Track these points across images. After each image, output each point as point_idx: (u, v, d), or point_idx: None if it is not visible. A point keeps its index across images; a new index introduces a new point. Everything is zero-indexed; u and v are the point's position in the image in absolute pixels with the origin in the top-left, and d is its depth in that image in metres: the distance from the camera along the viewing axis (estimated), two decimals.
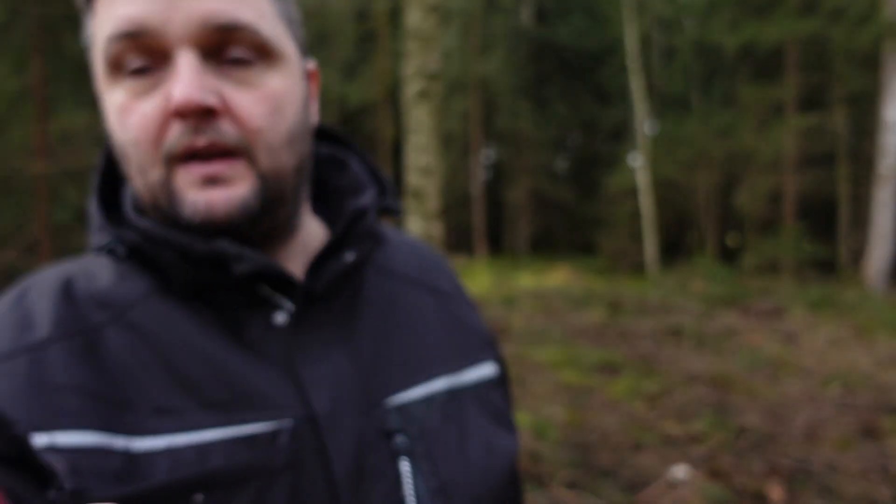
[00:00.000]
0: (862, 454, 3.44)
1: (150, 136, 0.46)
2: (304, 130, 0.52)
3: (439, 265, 0.68)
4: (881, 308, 7.44)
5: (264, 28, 0.47)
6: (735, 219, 16.48)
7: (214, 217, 0.46)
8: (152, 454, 0.43)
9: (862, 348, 5.89)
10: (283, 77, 0.49)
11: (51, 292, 0.49)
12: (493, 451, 0.56)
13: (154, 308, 0.49)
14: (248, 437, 0.45)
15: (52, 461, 0.41)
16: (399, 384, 0.54)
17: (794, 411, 4.15)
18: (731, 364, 5.47)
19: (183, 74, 0.44)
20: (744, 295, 8.81)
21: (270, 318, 0.50)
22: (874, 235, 9.26)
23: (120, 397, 0.45)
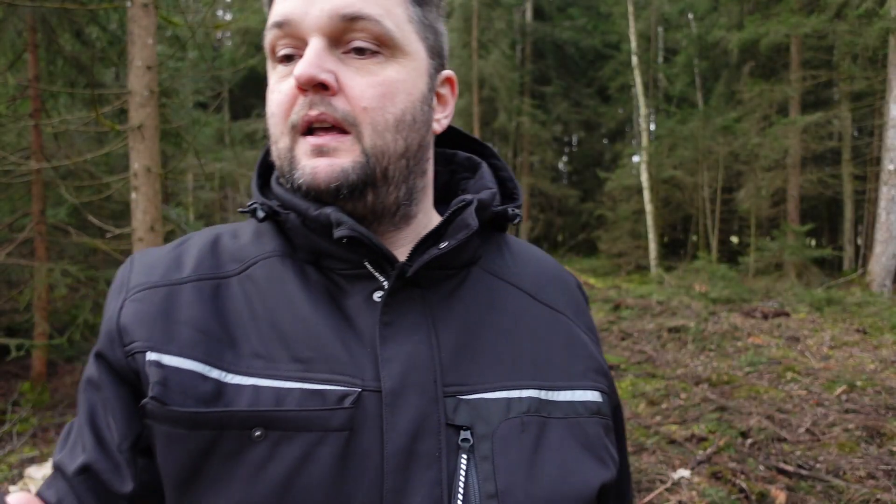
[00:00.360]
0: (867, 457, 3.37)
1: (282, 109, 0.55)
2: (414, 121, 0.57)
3: (562, 285, 0.69)
4: (887, 309, 7.35)
5: (387, 22, 0.54)
6: (738, 218, 16.39)
7: (318, 182, 0.54)
8: (238, 388, 0.51)
9: (867, 349, 5.81)
10: (401, 69, 0.55)
11: (202, 243, 0.61)
12: (569, 476, 0.55)
13: (274, 267, 0.58)
14: (318, 392, 0.51)
15: (153, 374, 0.51)
16: (479, 382, 0.55)
17: (799, 413, 4.08)
18: (735, 365, 5.41)
19: (307, 55, 0.52)
20: (747, 295, 8.73)
21: (370, 293, 0.56)
22: (880, 235, 9.17)
23: (226, 338, 0.54)
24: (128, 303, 0.56)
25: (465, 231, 0.56)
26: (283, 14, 0.54)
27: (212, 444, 0.50)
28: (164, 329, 0.53)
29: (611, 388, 0.66)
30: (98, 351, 0.56)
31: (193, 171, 8.12)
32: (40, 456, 4.56)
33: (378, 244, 0.54)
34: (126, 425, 0.54)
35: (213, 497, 0.50)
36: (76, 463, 0.55)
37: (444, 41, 0.62)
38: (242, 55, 12.72)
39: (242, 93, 18.38)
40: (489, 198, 0.61)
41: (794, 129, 11.15)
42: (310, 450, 0.49)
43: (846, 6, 9.63)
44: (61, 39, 5.66)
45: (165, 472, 0.52)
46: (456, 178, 0.70)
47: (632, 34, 13.20)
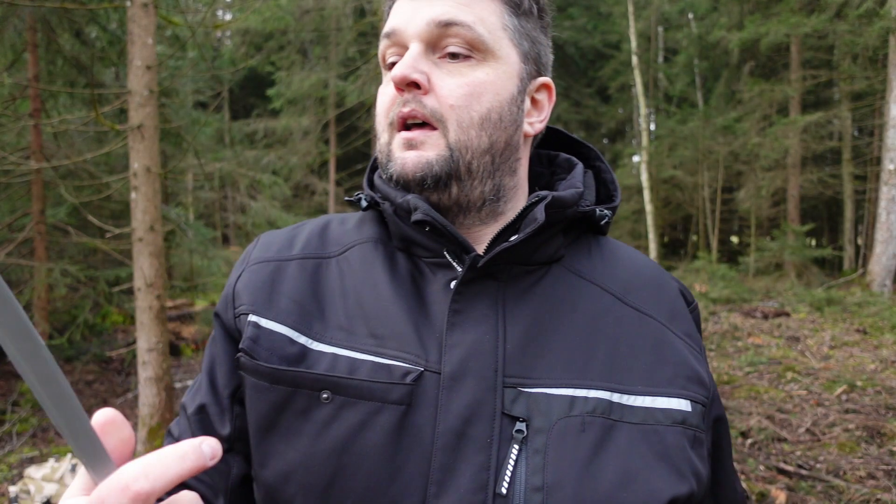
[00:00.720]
0: (867, 457, 3.37)
1: (384, 109, 0.63)
2: (500, 120, 0.61)
3: (658, 290, 0.68)
4: (887, 308, 7.35)
5: (479, 28, 0.59)
6: (738, 218, 16.38)
7: (406, 172, 0.60)
8: (320, 354, 0.58)
9: (867, 349, 5.80)
10: (491, 71, 0.60)
11: (314, 227, 0.70)
12: (631, 482, 0.53)
13: (367, 251, 0.65)
14: (385, 366, 0.56)
15: (248, 332, 0.60)
16: (543, 377, 0.56)
17: (799, 413, 4.08)
18: (735, 365, 5.40)
19: (404, 59, 0.59)
20: (747, 295, 8.72)
21: (448, 281, 0.60)
22: (880, 235, 9.17)
23: (317, 310, 0.61)
24: (244, 273, 0.65)
25: (532, 225, 0.58)
26: (392, 25, 0.62)
27: (287, 400, 0.57)
28: (267, 297, 0.62)
29: (711, 399, 0.64)
30: (216, 311, 0.67)
31: (193, 171, 8.11)
32: (40, 456, 4.56)
33: (453, 232, 0.58)
34: (229, 376, 0.63)
35: (284, 446, 0.57)
36: (195, 403, 0.65)
37: (542, 50, 0.67)
38: (242, 55, 12.71)
39: (242, 93, 18.37)
40: (571, 196, 0.62)
41: (795, 128, 11.14)
42: (369, 417, 0.54)
43: (846, 6, 9.62)
44: (61, 39, 5.66)
45: (251, 419, 0.60)
46: (554, 179, 0.73)
47: (632, 34, 13.17)
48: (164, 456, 0.34)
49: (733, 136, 12.97)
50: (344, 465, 0.54)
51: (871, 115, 12.40)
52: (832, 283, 10.42)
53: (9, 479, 4.11)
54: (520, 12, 0.63)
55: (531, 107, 0.67)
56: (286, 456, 0.56)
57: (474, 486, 0.52)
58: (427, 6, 0.60)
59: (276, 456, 0.57)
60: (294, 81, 11.44)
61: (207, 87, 9.43)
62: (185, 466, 0.34)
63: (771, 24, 10.06)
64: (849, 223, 13.19)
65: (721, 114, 13.43)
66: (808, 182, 12.78)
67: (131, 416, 5.42)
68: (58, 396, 0.33)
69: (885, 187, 9.12)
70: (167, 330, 3.98)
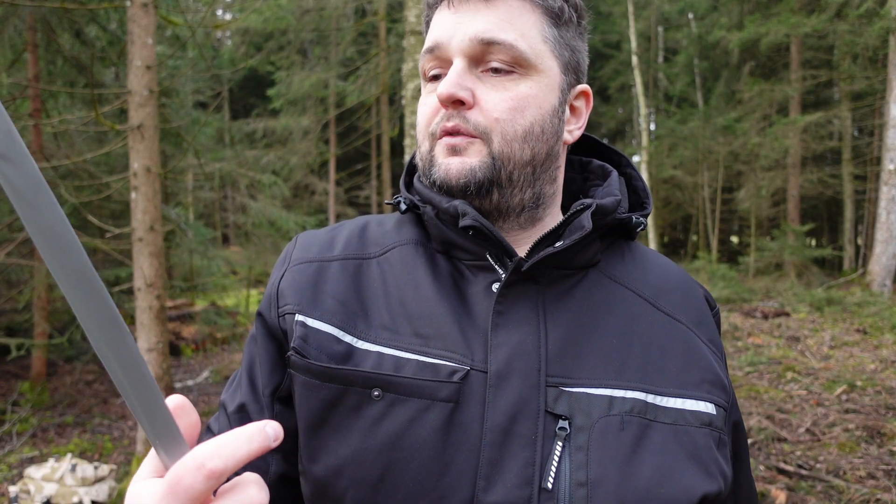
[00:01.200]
0: (867, 457, 3.37)
1: (426, 120, 0.65)
2: (543, 132, 0.63)
3: (686, 296, 0.70)
4: (887, 308, 7.35)
5: (521, 45, 0.60)
6: (738, 218, 16.38)
7: (450, 178, 0.61)
8: (365, 353, 0.59)
9: (867, 349, 5.80)
10: (533, 86, 0.62)
11: (353, 228, 0.71)
12: (666, 480, 0.56)
13: (408, 252, 0.66)
14: (432, 365, 0.58)
15: (297, 331, 0.61)
16: (584, 377, 0.59)
17: (799, 413, 4.08)
18: (735, 365, 5.40)
19: (449, 75, 0.61)
20: (747, 295, 8.72)
21: (490, 283, 0.62)
22: (880, 234, 9.17)
23: (360, 310, 0.62)
24: (287, 273, 0.67)
25: (579, 232, 0.60)
26: (434, 40, 0.63)
27: (339, 397, 0.58)
28: (312, 297, 0.64)
29: (730, 403, 0.66)
30: (259, 311, 0.67)
31: (193, 171, 8.11)
32: (40, 456, 4.56)
33: (498, 237, 0.60)
34: (269, 375, 0.65)
35: (335, 442, 0.58)
36: (235, 402, 0.66)
37: (581, 58, 0.68)
38: (242, 55, 12.71)
39: (242, 92, 18.37)
40: (611, 204, 0.64)
41: (794, 128, 11.14)
42: (418, 414, 0.56)
43: (846, 6, 9.62)
44: (61, 39, 5.65)
45: (301, 416, 0.61)
46: (587, 185, 0.75)
47: (632, 34, 13.17)
48: (234, 437, 0.36)
49: (733, 136, 12.98)
50: (395, 461, 0.56)
51: (871, 115, 12.40)
52: (832, 283, 10.43)
53: (9, 479, 4.11)
54: (560, 22, 0.64)
55: (570, 114, 0.68)
56: (338, 451, 0.58)
57: (521, 480, 0.54)
58: (469, 21, 0.61)
59: (327, 451, 0.59)
60: (294, 81, 11.44)
61: (207, 87, 9.43)
62: (252, 447, 0.36)
63: (771, 24, 10.06)
64: (849, 223, 13.19)
65: (721, 114, 13.44)
66: (808, 182, 12.78)
67: (131, 416, 5.42)
68: (139, 382, 0.34)
69: (885, 187, 9.12)
70: (167, 330, 3.98)
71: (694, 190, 15.25)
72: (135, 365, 0.34)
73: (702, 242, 15.65)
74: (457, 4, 0.62)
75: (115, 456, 4.61)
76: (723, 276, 9.33)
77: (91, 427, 5.21)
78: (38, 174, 0.29)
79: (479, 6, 0.61)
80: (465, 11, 0.61)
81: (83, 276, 0.31)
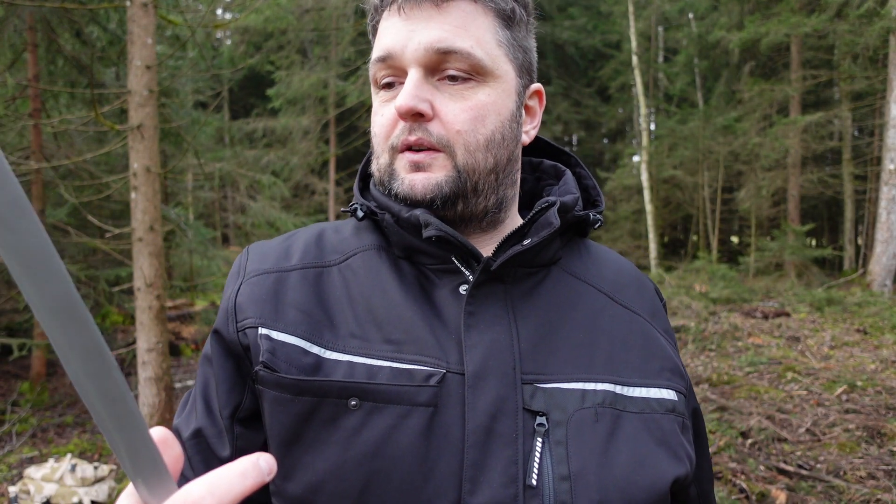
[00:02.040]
0: (867, 457, 3.36)
1: (385, 131, 0.62)
2: (503, 139, 0.63)
3: (640, 289, 0.73)
4: (887, 308, 7.34)
5: (478, 53, 0.59)
6: (738, 218, 16.38)
7: (415, 193, 0.60)
8: (335, 363, 0.58)
9: (867, 349, 5.80)
10: (491, 93, 0.61)
11: (309, 236, 0.69)
12: (641, 466, 0.58)
13: (371, 258, 0.65)
14: (406, 371, 0.57)
15: (263, 345, 0.59)
16: (556, 373, 0.59)
17: (799, 413, 4.07)
18: (735, 365, 5.40)
19: (406, 87, 0.59)
20: (747, 295, 8.72)
21: (457, 286, 0.62)
22: (880, 234, 9.16)
23: (326, 319, 0.61)
24: (243, 286, 0.64)
25: (548, 229, 0.61)
26: (386, 48, 0.61)
27: (313, 410, 0.56)
28: (273, 309, 0.61)
29: (688, 390, 0.69)
30: (215, 328, 0.64)
31: (193, 171, 8.10)
32: (40, 456, 4.56)
33: (464, 242, 0.59)
34: (227, 396, 0.62)
35: (311, 457, 0.56)
36: (191, 427, 0.63)
37: (532, 57, 0.67)
38: (242, 54, 12.71)
39: (242, 92, 18.36)
40: (572, 202, 0.65)
41: (795, 128, 11.14)
42: (398, 421, 0.55)
43: (847, 6, 9.62)
44: (61, 39, 5.65)
45: (272, 434, 0.59)
46: (541, 185, 0.76)
47: (632, 34, 13.17)
48: (227, 474, 0.34)
49: (733, 136, 12.97)
50: (377, 470, 0.54)
51: (871, 115, 12.40)
52: (832, 283, 10.42)
53: (9, 479, 4.11)
54: (512, 24, 0.63)
55: (525, 115, 0.68)
56: (315, 466, 0.56)
57: (506, 479, 0.54)
58: (423, 29, 0.59)
59: (303, 468, 0.56)
60: (294, 81, 11.44)
61: (207, 87, 9.43)
62: (246, 484, 0.34)
63: (771, 23, 10.06)
64: (849, 223, 13.19)
65: (721, 114, 13.43)
66: (809, 182, 12.77)
67: None
68: (123, 417, 0.31)
69: (885, 187, 9.12)
70: (167, 330, 3.98)
71: (694, 190, 15.25)
72: (121, 399, 0.30)
73: (702, 242, 15.64)
74: (408, 11, 0.60)
75: (115, 456, 4.60)
76: (723, 276, 9.32)
77: (91, 427, 5.21)
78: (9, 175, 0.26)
79: (432, 12, 0.59)
80: (417, 18, 0.59)
81: (66, 301, 0.27)
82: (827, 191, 13.23)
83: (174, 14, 5.19)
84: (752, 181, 13.04)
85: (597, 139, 22.10)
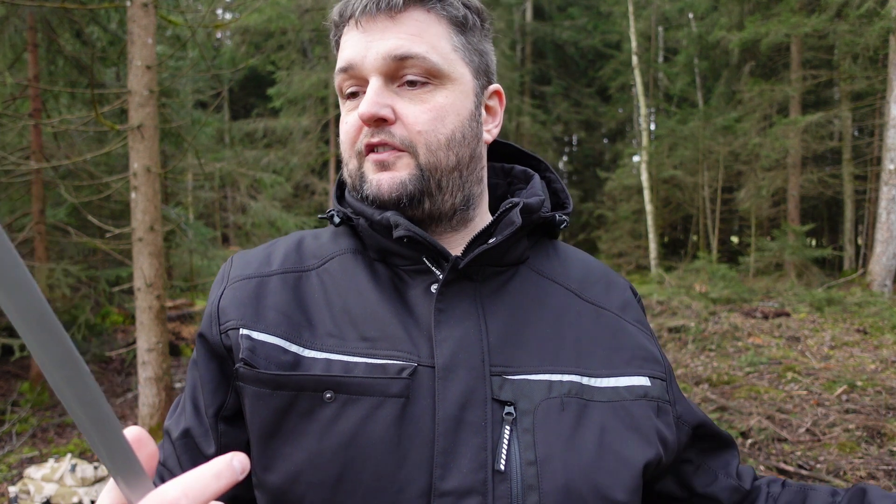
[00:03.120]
0: (867, 457, 3.36)
1: (350, 138, 0.67)
2: (464, 138, 0.66)
3: (608, 285, 0.76)
4: (887, 309, 7.34)
5: (434, 57, 0.63)
6: (738, 218, 16.38)
7: (382, 193, 0.64)
8: (313, 360, 0.61)
9: (867, 349, 5.80)
10: (449, 94, 0.64)
11: (290, 243, 0.72)
12: (607, 453, 0.61)
13: (347, 261, 0.68)
14: (380, 366, 0.60)
15: (244, 344, 0.62)
16: (523, 365, 0.62)
17: (799, 413, 4.07)
18: (735, 365, 5.40)
19: (367, 94, 0.63)
20: (747, 295, 8.72)
21: (429, 285, 0.65)
22: (880, 235, 9.16)
23: (304, 320, 0.64)
24: (227, 291, 0.67)
25: (510, 228, 0.64)
26: (347, 60, 0.65)
27: (291, 403, 0.59)
28: (254, 311, 0.64)
29: (667, 372, 0.72)
30: (200, 332, 0.68)
31: (193, 171, 8.11)
32: (39, 456, 4.56)
33: (432, 242, 0.63)
34: (212, 395, 0.65)
35: (290, 448, 0.59)
36: (180, 427, 0.67)
37: (489, 59, 0.71)
38: (242, 54, 12.71)
39: (242, 92, 18.36)
40: (536, 203, 0.68)
41: (795, 128, 11.14)
42: (371, 412, 0.58)
43: (847, 6, 9.62)
44: (62, 39, 5.65)
45: (253, 428, 0.62)
46: (512, 189, 0.79)
47: (632, 34, 13.18)
48: (202, 475, 0.35)
49: (733, 136, 12.97)
50: (351, 459, 0.57)
51: (871, 115, 12.39)
52: (832, 283, 10.42)
53: (9, 479, 4.11)
54: (466, 29, 0.66)
55: (486, 115, 0.72)
56: (293, 457, 0.59)
57: (475, 465, 0.57)
58: (380, 40, 0.63)
59: (282, 459, 0.59)
60: (294, 81, 11.44)
61: (207, 87, 9.43)
62: (221, 484, 0.35)
63: (771, 24, 10.06)
64: (849, 223, 13.19)
65: (721, 114, 13.43)
66: (809, 182, 12.76)
67: (131, 417, 5.41)
68: (98, 419, 0.33)
69: (885, 187, 9.12)
70: (167, 330, 3.98)
71: (694, 190, 15.25)
72: (94, 403, 0.32)
73: (702, 242, 15.64)
74: (364, 24, 0.63)
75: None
76: (723, 276, 9.32)
77: None
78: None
79: (387, 24, 0.63)
80: (374, 30, 0.63)
81: (39, 313, 0.29)
82: (827, 191, 13.23)
83: (174, 14, 5.19)
84: (752, 181, 13.04)
85: (597, 139, 22.09)
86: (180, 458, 0.66)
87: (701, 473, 0.76)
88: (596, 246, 16.85)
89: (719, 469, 0.76)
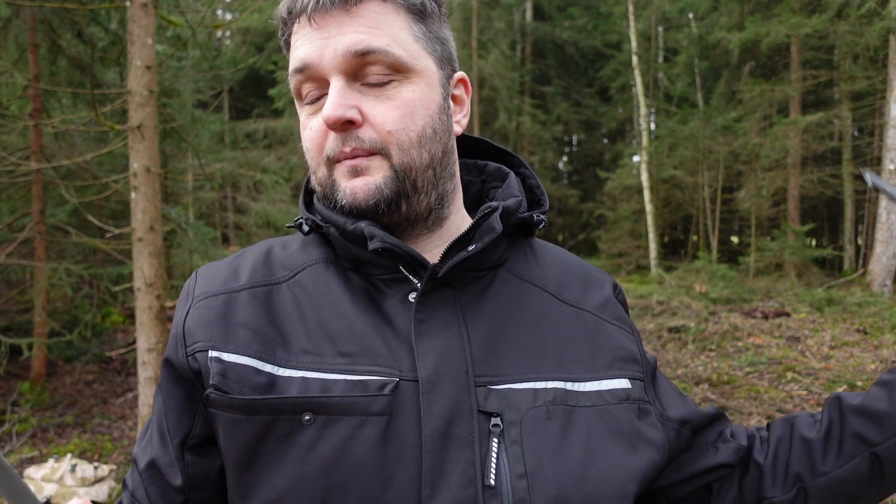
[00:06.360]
0: None
1: (316, 144, 0.62)
2: (435, 133, 0.63)
3: (587, 284, 0.73)
4: (887, 309, 7.34)
5: (396, 50, 0.59)
6: (738, 218, 16.38)
7: (357, 200, 0.60)
8: (289, 380, 0.57)
9: (868, 350, 5.80)
10: (416, 88, 0.61)
11: (256, 255, 0.68)
12: (595, 460, 0.59)
13: (319, 272, 0.65)
14: (360, 382, 0.57)
15: (214, 368, 0.58)
16: (507, 374, 0.60)
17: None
18: (735, 365, 5.40)
19: (330, 97, 0.58)
20: (747, 295, 8.72)
21: (406, 294, 0.62)
22: (880, 235, 9.16)
23: (278, 337, 0.60)
24: (192, 310, 0.64)
25: (490, 234, 0.61)
26: (302, 59, 0.60)
27: (267, 428, 0.56)
28: (222, 331, 0.61)
29: (646, 372, 0.71)
30: (165, 357, 0.64)
31: (193, 171, 8.11)
32: (40, 456, 4.56)
33: (410, 252, 0.60)
34: (177, 424, 0.63)
35: (269, 475, 0.56)
36: (146, 458, 0.64)
37: (450, 47, 0.67)
38: (243, 54, 12.71)
39: (243, 92, 18.37)
40: (514, 205, 0.66)
41: (795, 129, 11.14)
42: (353, 432, 0.55)
43: (847, 6, 9.62)
44: (62, 39, 5.66)
45: (228, 456, 0.59)
46: (486, 188, 0.76)
47: (632, 34, 13.18)
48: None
49: (733, 136, 12.97)
50: (335, 483, 0.54)
51: (871, 115, 12.40)
52: (832, 283, 10.42)
53: None
54: (425, 17, 0.63)
55: (454, 105, 0.68)
56: (273, 484, 0.56)
57: (464, 481, 0.54)
58: (337, 36, 0.58)
59: (261, 486, 0.56)
60: None
61: (208, 87, 9.43)
62: None
63: (771, 24, 10.06)
64: (849, 223, 13.19)
65: (721, 114, 13.43)
66: (809, 182, 12.76)
67: (131, 417, 5.42)
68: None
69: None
70: (167, 330, 3.98)
71: (694, 190, 15.24)
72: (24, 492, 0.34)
73: (702, 242, 15.64)
74: (318, 20, 0.59)
75: (115, 456, 4.61)
76: (723, 276, 9.32)
77: (91, 427, 5.21)
78: None
79: (343, 18, 0.58)
80: (329, 25, 0.59)
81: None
82: (827, 191, 13.22)
83: (174, 14, 5.19)
84: (752, 181, 13.04)
85: (597, 139, 22.10)
86: (147, 490, 0.63)
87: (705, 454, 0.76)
88: (596, 246, 16.86)
89: (719, 442, 0.76)
